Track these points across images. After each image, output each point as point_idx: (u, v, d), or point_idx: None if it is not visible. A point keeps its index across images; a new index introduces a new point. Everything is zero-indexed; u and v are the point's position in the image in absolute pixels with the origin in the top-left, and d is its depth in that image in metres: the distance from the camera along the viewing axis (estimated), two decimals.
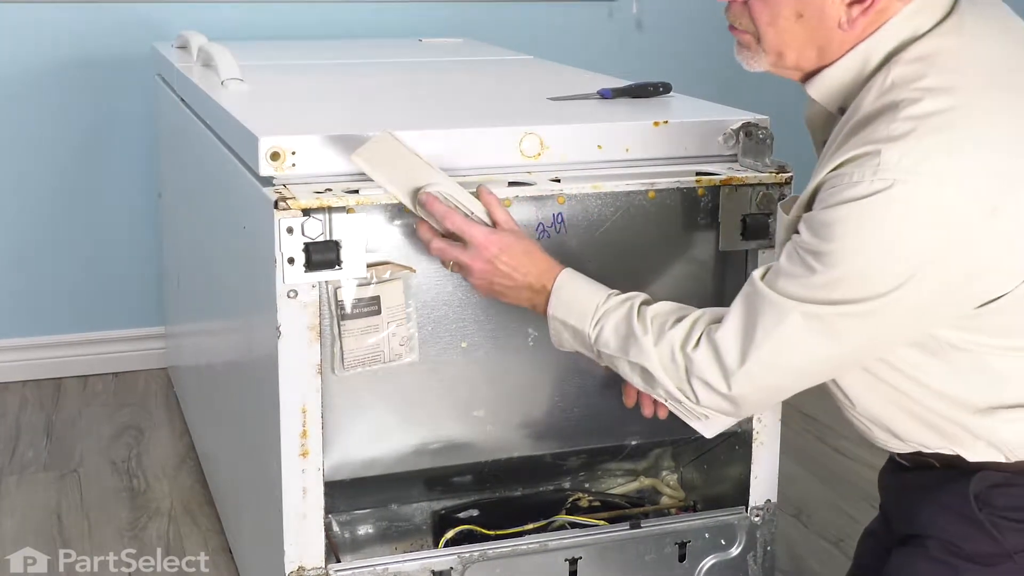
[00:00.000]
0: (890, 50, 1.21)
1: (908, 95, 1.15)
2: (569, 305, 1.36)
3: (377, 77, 2.18)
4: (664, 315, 1.31)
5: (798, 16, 1.22)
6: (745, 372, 1.23)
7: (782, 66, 1.27)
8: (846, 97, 1.25)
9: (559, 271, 1.39)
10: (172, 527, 2.11)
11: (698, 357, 1.25)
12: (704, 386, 1.26)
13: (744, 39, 1.28)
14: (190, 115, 2.03)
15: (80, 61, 2.68)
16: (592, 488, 1.78)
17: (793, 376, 1.25)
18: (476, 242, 1.39)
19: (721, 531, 1.66)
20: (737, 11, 1.27)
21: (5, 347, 2.75)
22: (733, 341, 1.23)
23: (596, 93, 1.81)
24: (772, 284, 1.21)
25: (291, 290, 1.42)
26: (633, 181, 1.53)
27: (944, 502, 1.29)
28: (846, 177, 1.15)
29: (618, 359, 1.33)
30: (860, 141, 1.16)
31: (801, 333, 1.19)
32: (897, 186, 1.12)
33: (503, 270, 1.39)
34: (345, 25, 2.85)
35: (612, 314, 1.33)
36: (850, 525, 2.10)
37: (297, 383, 1.45)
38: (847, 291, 1.16)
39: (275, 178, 1.46)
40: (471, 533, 1.64)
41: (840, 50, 1.23)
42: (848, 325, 1.18)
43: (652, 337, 1.29)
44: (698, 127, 1.62)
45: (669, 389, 1.29)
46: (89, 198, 2.75)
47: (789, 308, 1.19)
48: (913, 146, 1.12)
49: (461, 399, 1.57)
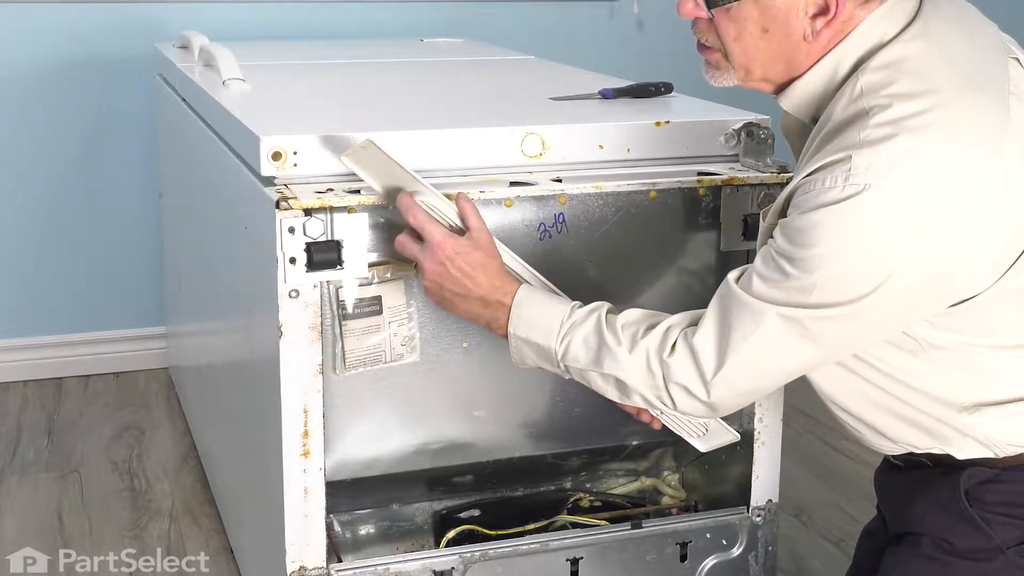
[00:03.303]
0: (858, 58, 1.21)
1: (877, 102, 1.16)
2: (531, 322, 1.33)
3: (378, 77, 2.18)
4: (635, 323, 1.30)
5: (763, 31, 1.23)
6: (723, 377, 1.23)
7: (750, 80, 1.28)
8: (818, 107, 1.26)
9: (515, 287, 1.35)
10: (173, 527, 2.11)
11: (675, 363, 1.25)
12: (682, 391, 1.26)
13: (712, 58, 1.29)
14: (191, 115, 2.03)
15: (81, 61, 2.69)
16: (593, 488, 1.78)
17: (770, 378, 1.26)
18: (432, 240, 1.35)
19: (722, 531, 1.67)
20: (703, 27, 1.28)
21: (6, 347, 2.75)
22: (710, 345, 1.23)
23: (597, 93, 1.82)
24: (747, 287, 1.22)
25: (292, 290, 1.42)
26: (634, 181, 1.54)
27: (935, 499, 1.30)
28: (819, 183, 1.16)
29: (589, 372, 1.31)
30: (833, 149, 1.17)
31: (778, 336, 1.20)
32: (869, 190, 1.13)
33: (454, 275, 1.35)
34: (347, 25, 2.85)
35: (579, 327, 1.31)
36: (851, 525, 2.10)
37: (298, 383, 1.45)
38: (823, 295, 1.17)
39: (276, 178, 1.46)
40: (472, 533, 1.64)
41: (808, 62, 1.24)
42: (825, 327, 1.19)
43: (626, 346, 1.28)
44: (699, 127, 1.63)
45: (646, 396, 1.29)
46: (90, 198, 2.75)
47: (765, 311, 1.20)
48: (883, 151, 1.13)
49: (462, 399, 1.57)
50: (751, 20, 1.22)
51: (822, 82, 1.24)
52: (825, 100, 1.24)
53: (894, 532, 1.37)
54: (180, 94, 2.19)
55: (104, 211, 2.77)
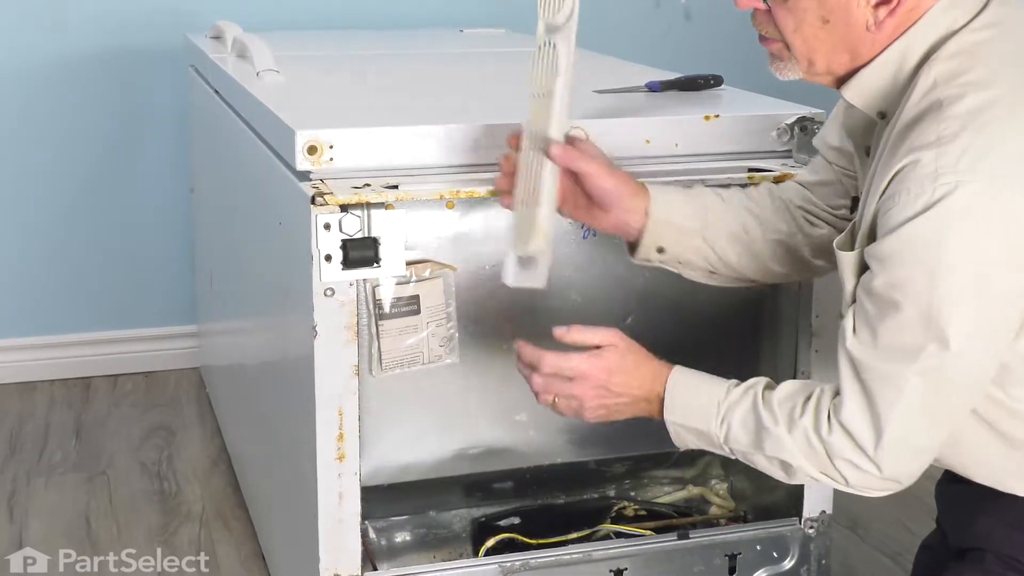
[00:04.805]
0: (927, 48, 1.20)
1: (952, 91, 1.14)
2: (687, 407, 1.32)
3: (417, 68, 2.19)
4: (790, 399, 1.26)
5: (824, 22, 1.22)
6: (885, 451, 1.19)
7: (814, 73, 1.26)
8: (886, 100, 1.24)
9: (667, 373, 1.34)
10: (204, 531, 2.13)
11: (835, 441, 1.22)
12: (850, 466, 1.22)
13: (775, 48, 1.27)
14: (224, 107, 2.04)
15: (111, 52, 2.71)
16: (638, 496, 1.78)
17: (936, 433, 1.21)
18: (579, 374, 1.34)
19: (773, 543, 1.66)
20: (761, 19, 1.27)
21: (33, 345, 2.78)
22: (861, 422, 1.19)
23: (644, 86, 1.81)
24: (872, 345, 1.17)
25: (328, 288, 1.43)
26: (682, 177, 1.53)
27: (1002, 515, 1.28)
28: (902, 195, 1.13)
29: (752, 454, 1.29)
30: (908, 147, 1.15)
31: (925, 397, 1.16)
32: (961, 187, 1.11)
33: (617, 391, 1.33)
34: (384, 15, 2.86)
35: (736, 408, 1.29)
36: (909, 538, 2.08)
37: (333, 384, 1.46)
38: (947, 319, 1.13)
39: (312, 172, 1.47)
40: (512, 542, 1.65)
41: (872, 52, 1.22)
42: (962, 363, 1.15)
43: (784, 426, 1.25)
44: (750, 121, 1.62)
45: (814, 475, 1.25)
46: (119, 193, 2.78)
47: (904, 376, 1.16)
48: (968, 144, 1.11)
49: (502, 402, 1.57)
50: (810, 11, 1.21)
51: (889, 73, 1.22)
52: (894, 93, 1.22)
53: (956, 547, 1.36)
54: (212, 86, 2.21)
55: (134, 206, 2.80)
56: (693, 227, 1.44)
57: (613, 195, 1.41)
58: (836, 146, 1.44)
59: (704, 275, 1.48)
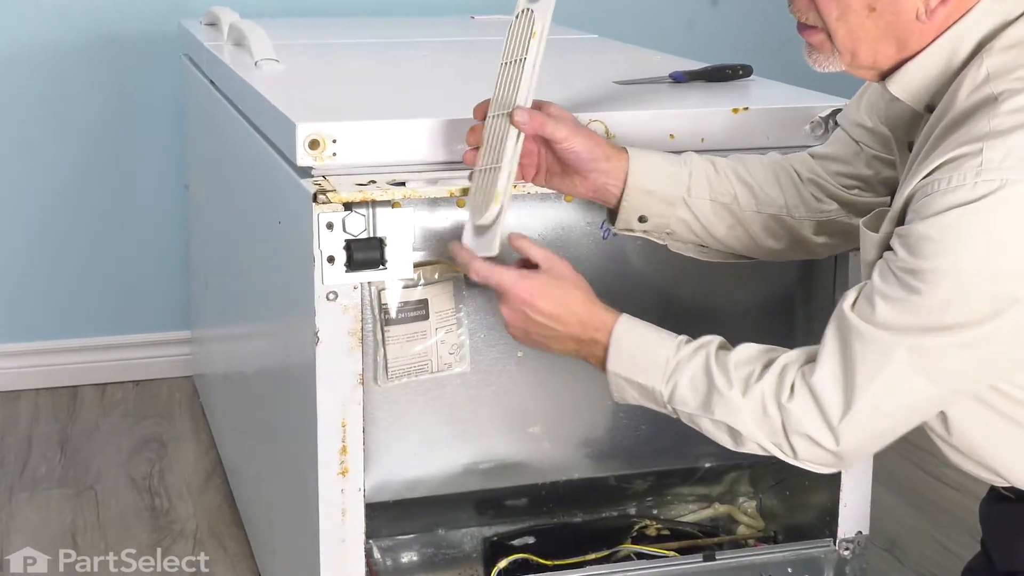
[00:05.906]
0: (980, 38, 1.19)
1: (1008, 86, 1.14)
2: (633, 360, 1.31)
3: (425, 58, 2.19)
4: (749, 363, 1.26)
5: (870, 10, 1.21)
6: (850, 421, 1.20)
7: (857, 66, 1.26)
8: (934, 93, 1.24)
9: (611, 319, 1.33)
10: (197, 550, 2.13)
11: (795, 408, 1.22)
12: (805, 440, 1.22)
13: (815, 39, 1.26)
14: (220, 99, 2.05)
15: (98, 41, 2.72)
16: (661, 515, 1.78)
17: (902, 419, 1.22)
18: (503, 288, 1.34)
19: (806, 565, 1.66)
20: (803, 6, 1.26)
21: (18, 351, 2.79)
22: (833, 388, 1.20)
23: (667, 76, 1.81)
24: (868, 317, 1.18)
25: (331, 292, 1.43)
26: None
27: None
28: (943, 183, 1.13)
29: (699, 417, 1.29)
30: (956, 141, 1.14)
31: (909, 372, 1.17)
32: (1007, 187, 1.10)
33: (537, 319, 1.34)
34: (390, 1, 2.87)
35: (686, 366, 1.29)
36: (951, 561, 2.08)
37: (336, 394, 1.46)
38: (958, 314, 1.14)
39: (314, 168, 1.47)
40: (526, 562, 1.65)
41: (921, 42, 1.22)
42: (962, 355, 1.16)
43: (738, 389, 1.25)
44: (781, 114, 1.62)
45: (763, 445, 1.26)
46: (109, 190, 2.79)
47: (893, 345, 1.16)
48: (1016, 143, 1.11)
49: (516, 414, 1.57)
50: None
51: (938, 65, 1.21)
52: (942, 86, 1.22)
53: (1002, 571, 1.35)
54: (208, 76, 2.21)
55: (125, 204, 2.80)
56: (675, 193, 1.44)
57: (585, 158, 1.41)
58: (868, 127, 1.44)
59: (694, 249, 1.48)
